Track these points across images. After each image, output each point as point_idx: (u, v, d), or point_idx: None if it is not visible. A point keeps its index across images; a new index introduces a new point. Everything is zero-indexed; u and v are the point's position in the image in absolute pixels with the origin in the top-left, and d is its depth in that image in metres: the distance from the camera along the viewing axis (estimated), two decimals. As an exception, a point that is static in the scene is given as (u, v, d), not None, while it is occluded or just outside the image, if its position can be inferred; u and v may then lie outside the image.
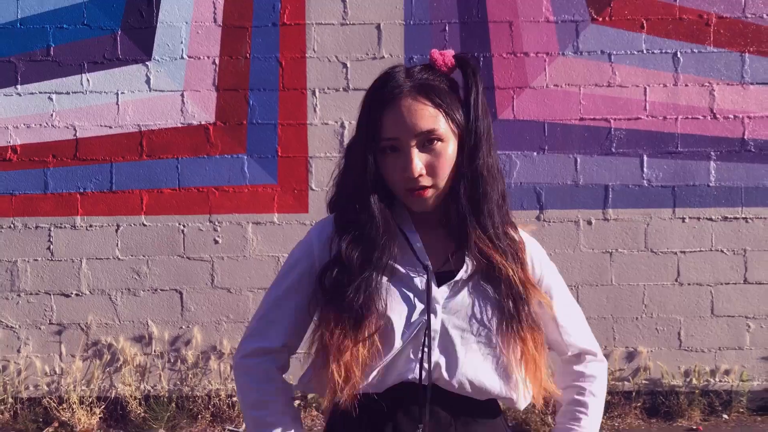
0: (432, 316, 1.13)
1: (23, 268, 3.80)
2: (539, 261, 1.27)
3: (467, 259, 1.17)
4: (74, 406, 3.67)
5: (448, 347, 1.14)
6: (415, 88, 1.12)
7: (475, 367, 1.15)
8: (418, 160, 1.11)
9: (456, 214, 1.15)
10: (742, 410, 3.77)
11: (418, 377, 1.12)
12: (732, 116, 3.81)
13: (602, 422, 3.58)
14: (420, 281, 1.15)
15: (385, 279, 1.14)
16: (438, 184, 1.13)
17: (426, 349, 1.12)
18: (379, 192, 1.15)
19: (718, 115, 3.82)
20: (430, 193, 1.13)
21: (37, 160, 3.80)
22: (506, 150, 3.79)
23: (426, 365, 1.12)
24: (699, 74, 3.82)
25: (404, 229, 1.18)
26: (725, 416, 3.75)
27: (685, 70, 3.81)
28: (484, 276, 1.17)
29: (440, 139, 1.12)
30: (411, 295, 1.14)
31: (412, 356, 1.13)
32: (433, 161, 1.12)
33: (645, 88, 3.81)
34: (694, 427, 3.62)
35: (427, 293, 1.13)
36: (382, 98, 1.13)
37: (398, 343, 1.12)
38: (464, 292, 1.16)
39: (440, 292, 1.15)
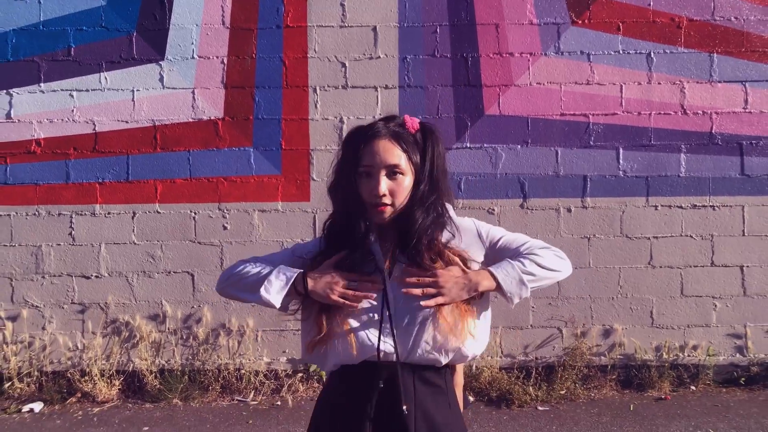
0: (388, 305, 1.49)
1: (47, 252, 4.12)
2: (474, 232, 1.63)
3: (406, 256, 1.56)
4: (95, 379, 3.99)
5: (399, 325, 1.50)
6: (390, 134, 1.54)
7: (422, 335, 1.52)
8: (384, 185, 1.51)
9: (404, 225, 1.54)
10: (708, 382, 4.09)
11: (376, 347, 1.49)
12: (701, 112, 4.12)
13: (580, 392, 3.95)
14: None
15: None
16: (395, 204, 1.53)
17: (386, 325, 1.49)
18: (358, 206, 1.54)
19: (688, 111, 4.12)
20: (388, 210, 1.53)
21: (60, 152, 4.10)
22: (492, 143, 4.10)
23: (387, 339, 1.50)
24: (671, 73, 4.12)
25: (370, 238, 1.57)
26: (693, 388, 4.07)
27: (658, 69, 4.11)
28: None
29: (402, 173, 1.53)
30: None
31: (371, 334, 1.50)
32: (395, 187, 1.53)
33: (621, 86, 4.11)
34: (663, 397, 3.94)
35: (384, 291, 1.49)
36: (365, 136, 1.54)
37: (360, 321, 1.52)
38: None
39: (391, 286, 1.51)
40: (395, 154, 1.51)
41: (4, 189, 4.11)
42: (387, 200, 1.51)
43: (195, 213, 4.13)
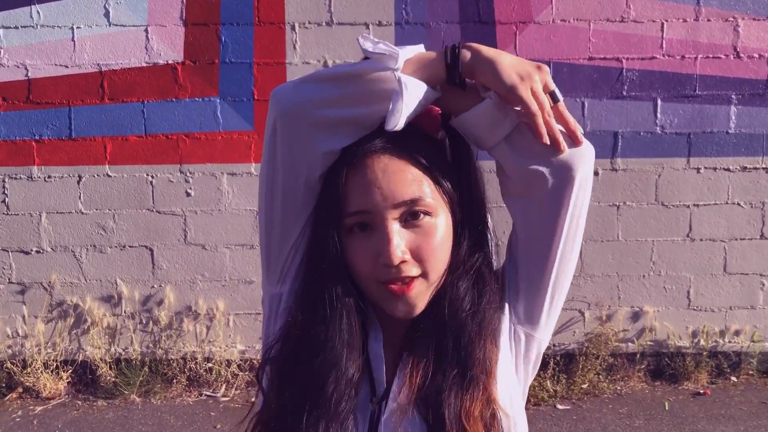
0: None
1: (-23, 223, 3.49)
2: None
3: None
4: (39, 371, 3.42)
5: None
6: (392, 143, 0.82)
7: None
8: (400, 240, 0.80)
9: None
10: (751, 372, 3.56)
11: None
12: (757, 55, 3.46)
13: (604, 386, 3.40)
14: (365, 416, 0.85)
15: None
16: (429, 272, 0.82)
17: None
18: (346, 287, 0.84)
19: (742, 54, 3.45)
20: (417, 286, 0.82)
21: (-14, 103, 3.42)
22: (507, 93, 3.43)
23: None
24: (723, 8, 3.43)
25: (369, 352, 0.87)
26: (734, 379, 3.54)
27: (708, 2, 3.42)
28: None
29: (428, 212, 0.82)
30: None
31: None
32: (421, 242, 0.82)
33: (662, 24, 3.43)
34: (701, 391, 3.41)
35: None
36: (346, 158, 0.82)
37: None
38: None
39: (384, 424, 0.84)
40: (409, 179, 0.82)
41: None
42: (411, 269, 0.81)
43: (152, 177, 3.48)
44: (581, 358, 3.50)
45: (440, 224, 0.83)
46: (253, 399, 3.33)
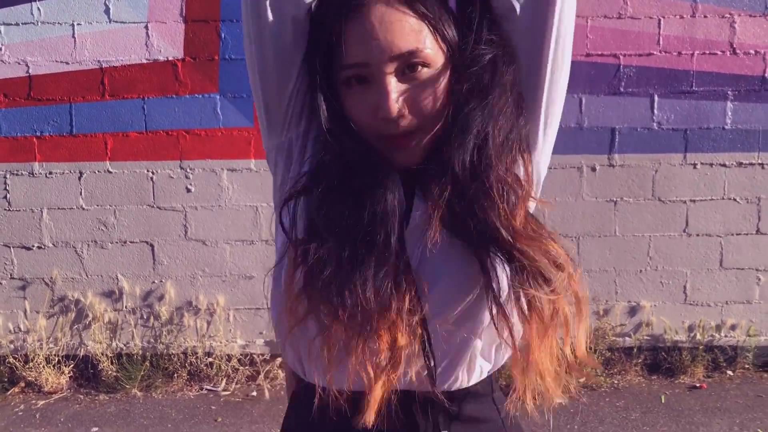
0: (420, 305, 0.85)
1: (-21, 219, 3.50)
2: None
3: None
4: (41, 366, 3.44)
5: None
6: None
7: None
8: (397, 94, 0.80)
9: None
10: (747, 366, 3.59)
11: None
12: (753, 51, 3.47)
13: (601, 379, 3.43)
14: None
15: None
16: (426, 123, 0.83)
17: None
18: (354, 143, 0.84)
19: (738, 50, 3.47)
20: (417, 140, 0.83)
21: (-13, 100, 3.44)
22: (505, 89, 3.45)
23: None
24: (719, 4, 3.45)
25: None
26: (730, 373, 3.57)
27: (705, -1, 3.45)
28: None
29: (426, 64, 0.81)
30: None
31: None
32: (418, 94, 0.81)
33: (659, 20, 3.45)
34: (698, 385, 3.44)
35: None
36: (341, 7, 0.80)
37: None
38: None
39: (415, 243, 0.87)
40: (408, 29, 0.80)
41: (-77, 144, 3.46)
42: (408, 122, 0.81)
43: (153, 173, 3.50)
44: (579, 352, 3.53)
45: (440, 76, 0.82)
46: (253, 393, 3.36)
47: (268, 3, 0.83)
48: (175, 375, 3.50)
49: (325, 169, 0.85)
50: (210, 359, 3.51)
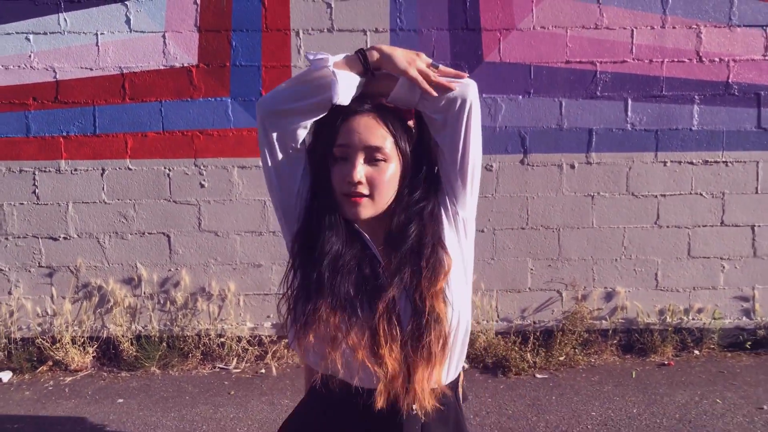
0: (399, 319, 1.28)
1: (9, 212, 3.81)
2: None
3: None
4: (67, 346, 3.76)
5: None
6: (375, 110, 1.22)
7: None
8: (361, 170, 1.20)
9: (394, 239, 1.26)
10: (712, 347, 3.92)
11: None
12: (718, 59, 3.80)
13: (579, 358, 3.76)
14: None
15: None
16: (375, 196, 1.22)
17: None
18: (330, 200, 1.24)
19: (704, 58, 3.80)
20: (365, 202, 1.21)
21: (18, 102, 3.74)
22: (492, 93, 3.77)
23: None
24: (687, 16, 3.78)
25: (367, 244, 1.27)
26: (696, 352, 3.90)
27: (673, 11, 3.77)
28: None
29: (385, 159, 1.22)
30: None
31: None
32: (375, 175, 1.21)
33: (632, 31, 3.78)
34: (666, 362, 3.77)
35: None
36: (346, 110, 1.21)
37: None
38: None
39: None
40: (379, 135, 1.22)
41: (-42, 143, 3.76)
42: (364, 189, 1.21)
43: (169, 170, 3.81)
44: (559, 333, 3.86)
45: (391, 168, 1.22)
46: (262, 370, 3.68)
47: (276, 145, 1.25)
48: (190, 355, 3.82)
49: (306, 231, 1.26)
50: (222, 340, 3.83)
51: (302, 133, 1.24)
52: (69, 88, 3.75)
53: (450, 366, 1.25)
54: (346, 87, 1.18)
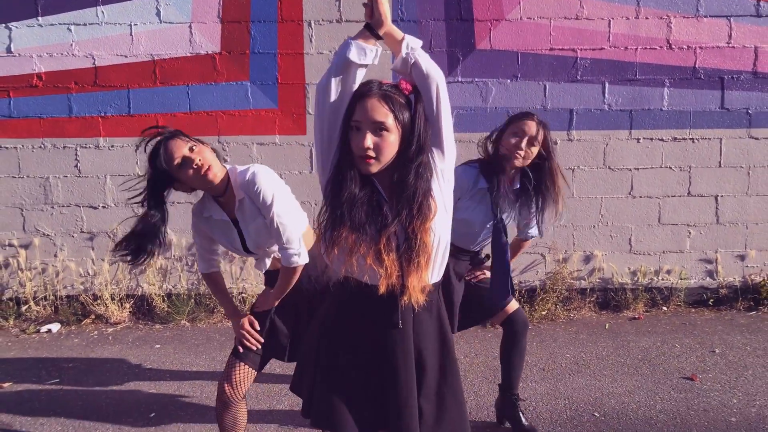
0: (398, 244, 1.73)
1: (54, 184, 4.29)
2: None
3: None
4: (107, 302, 4.26)
5: None
6: (381, 94, 1.66)
7: None
8: (369, 139, 1.64)
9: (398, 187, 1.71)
10: (679, 303, 4.40)
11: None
12: (686, 47, 4.24)
13: (560, 313, 4.25)
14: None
15: None
16: (380, 158, 1.66)
17: None
18: (349, 157, 1.68)
19: (673, 46, 4.24)
20: (373, 162, 1.66)
21: (61, 86, 4.21)
22: (483, 77, 4.22)
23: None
24: (658, 7, 4.21)
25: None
26: (665, 308, 4.39)
27: (646, 3, 4.20)
28: None
29: (387, 130, 1.65)
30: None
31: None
32: (379, 143, 1.65)
33: (609, 21, 4.21)
34: (637, 317, 4.25)
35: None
36: (360, 93, 1.67)
37: None
38: None
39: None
40: (382, 113, 1.61)
41: (9, 122, 4.23)
42: (372, 153, 1.63)
43: (196, 146, 4.27)
44: (542, 292, 4.35)
45: (391, 137, 1.65)
46: (279, 323, 4.16)
47: (332, 87, 1.68)
48: (215, 310, 4.31)
49: (338, 175, 1.72)
50: (243, 296, 4.33)
51: (351, 82, 1.68)
52: (106, 74, 4.21)
53: (434, 271, 1.72)
54: (357, 49, 1.64)
